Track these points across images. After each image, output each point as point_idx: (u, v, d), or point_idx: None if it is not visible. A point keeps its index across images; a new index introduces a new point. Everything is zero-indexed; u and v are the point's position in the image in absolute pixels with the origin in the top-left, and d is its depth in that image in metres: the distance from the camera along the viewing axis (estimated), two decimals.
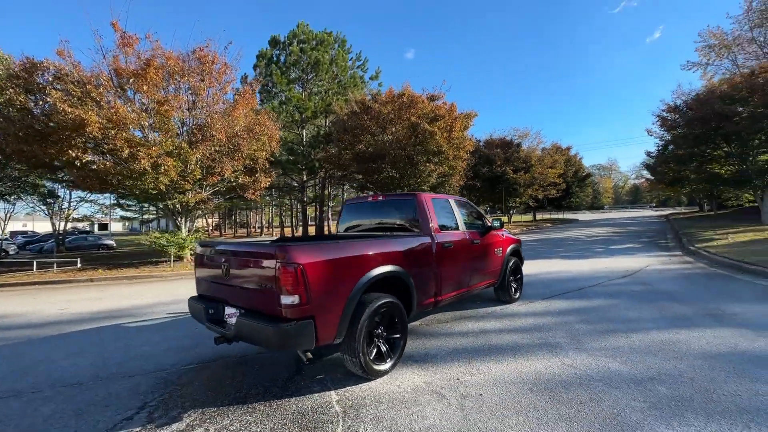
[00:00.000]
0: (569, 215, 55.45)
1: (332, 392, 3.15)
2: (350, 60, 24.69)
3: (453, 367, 3.59)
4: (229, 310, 3.37)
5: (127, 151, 9.40)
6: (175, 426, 2.71)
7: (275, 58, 22.18)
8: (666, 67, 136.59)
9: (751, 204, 38.33)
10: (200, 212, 13.78)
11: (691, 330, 4.39)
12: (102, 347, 4.58)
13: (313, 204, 27.53)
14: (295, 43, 21.80)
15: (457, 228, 4.83)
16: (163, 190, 10.89)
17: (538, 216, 44.93)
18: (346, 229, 5.30)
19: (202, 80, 11.58)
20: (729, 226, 18.90)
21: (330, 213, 36.63)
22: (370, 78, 25.72)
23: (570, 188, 37.10)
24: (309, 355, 3.08)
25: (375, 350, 3.36)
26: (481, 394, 3.02)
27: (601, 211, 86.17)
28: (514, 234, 6.72)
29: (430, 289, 4.11)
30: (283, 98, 21.01)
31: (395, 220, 4.74)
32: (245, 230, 51.96)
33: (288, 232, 43.42)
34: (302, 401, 3.02)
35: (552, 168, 28.50)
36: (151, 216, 30.23)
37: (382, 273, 3.39)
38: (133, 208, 28.84)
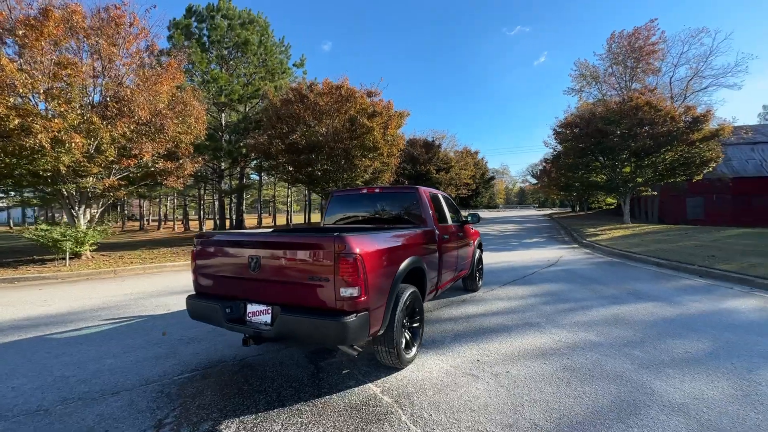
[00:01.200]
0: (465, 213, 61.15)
1: (370, 385, 3.12)
2: (274, 44, 23.30)
3: (466, 351, 3.83)
4: (253, 308, 3.04)
5: (16, 122, 7.38)
6: None
7: (196, 33, 19.68)
8: (549, 86, 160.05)
9: (608, 206, 47.81)
10: (105, 201, 11.61)
11: (625, 305, 5.41)
12: (42, 365, 3.67)
13: (230, 195, 25.32)
14: (219, 17, 19.65)
15: (446, 221, 5.10)
16: (63, 172, 8.89)
17: None
18: (336, 222, 5.16)
19: (115, 45, 9.74)
20: (601, 224, 23.23)
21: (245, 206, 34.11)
22: (295, 65, 24.64)
23: (478, 188, 41.20)
24: (359, 348, 2.99)
25: (403, 340, 3.41)
26: (508, 371, 3.33)
27: (497, 209, 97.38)
28: None
29: (434, 279, 4.28)
30: (204, 78, 18.77)
31: (394, 213, 4.79)
32: (137, 223, 45.11)
33: (195, 225, 39.08)
34: (346, 396, 2.93)
35: (465, 170, 31.36)
36: (11, 203, 24.10)
37: (412, 263, 3.44)
38: None
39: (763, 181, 26.63)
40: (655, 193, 22.21)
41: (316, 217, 40.09)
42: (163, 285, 7.70)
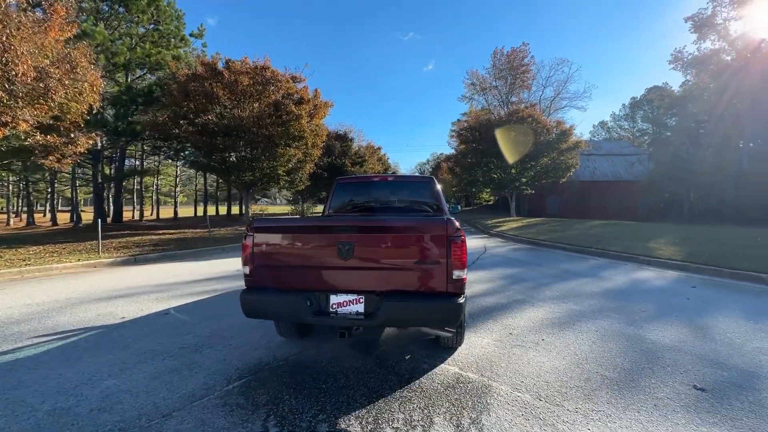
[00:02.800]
0: None
1: (445, 365, 3.22)
2: (169, 4, 19.96)
3: (492, 327, 4.21)
4: (339, 298, 2.81)
5: None
6: None
7: None
8: (435, 92, 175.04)
9: (487, 202, 55.36)
10: None
11: (570, 281, 6.57)
12: (7, 400, 2.68)
13: (109, 183, 20.82)
14: None
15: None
16: None
17: None
18: (340, 208, 4.95)
19: None
20: (493, 217, 26.89)
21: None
22: (192, 35, 21.58)
23: None
24: (452, 330, 3.01)
25: None
26: (543, 339, 3.82)
27: None
28: None
29: None
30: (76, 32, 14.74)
31: (413, 201, 4.85)
32: None
33: (40, 218, 30.89)
34: (434, 378, 2.98)
35: (373, 165, 32.45)
36: None
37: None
38: None
39: (594, 184, 34.57)
40: (533, 191, 26.76)
41: (223, 210, 35.99)
42: (76, 291, 6.13)
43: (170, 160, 23.03)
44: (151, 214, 38.21)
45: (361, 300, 2.78)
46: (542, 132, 22.63)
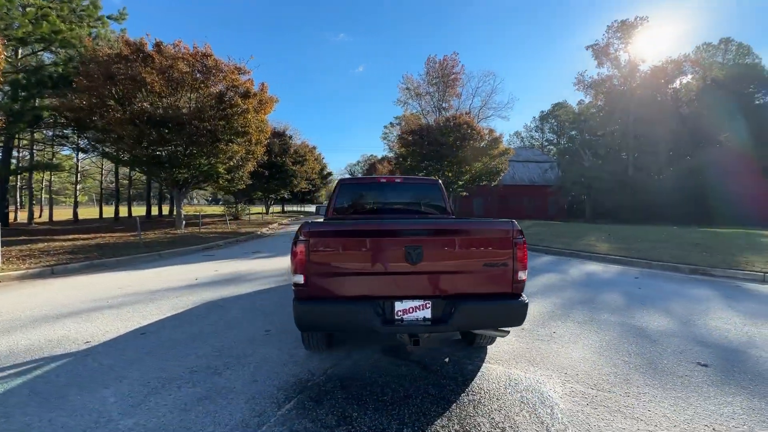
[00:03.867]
0: (305, 208, 61.56)
1: (487, 364, 3.29)
2: None
3: None
4: (404, 305, 2.68)
5: None
6: None
7: None
8: (365, 95, 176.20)
9: None
10: None
11: (540, 276, 7.19)
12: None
13: None
14: None
15: None
16: None
17: (276, 209, 46.93)
18: (344, 210, 4.73)
19: None
20: None
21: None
22: (111, 18, 18.74)
23: (317, 184, 41.89)
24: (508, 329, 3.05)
25: None
26: (554, 332, 4.12)
27: (320, 205, 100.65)
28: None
29: None
30: None
31: (422, 202, 4.84)
32: None
33: None
34: (488, 377, 3.03)
35: (310, 165, 31.58)
36: None
37: None
38: None
39: (514, 188, 38.27)
40: (467, 194, 28.57)
41: (139, 210, 31.21)
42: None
43: (79, 153, 19.55)
44: (40, 216, 32.16)
45: (428, 305, 2.71)
46: (477, 138, 24.31)
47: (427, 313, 2.71)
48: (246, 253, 10.74)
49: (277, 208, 46.77)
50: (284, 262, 9.02)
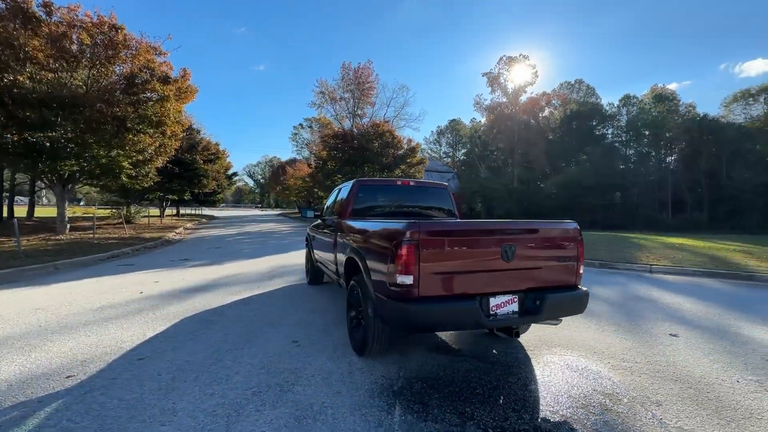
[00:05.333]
0: (204, 211, 55.18)
1: (530, 351, 3.65)
2: None
3: None
4: (497, 300, 2.84)
5: None
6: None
7: None
8: (271, 94, 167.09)
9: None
10: None
11: None
12: None
13: None
14: None
15: None
16: None
17: (170, 211, 41.10)
18: (363, 211, 4.62)
19: None
20: None
21: None
22: None
23: (222, 184, 38.06)
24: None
25: None
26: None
27: (218, 208, 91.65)
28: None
29: None
30: None
31: (433, 206, 4.98)
32: None
33: None
34: (551, 365, 3.38)
35: (222, 163, 28.55)
36: None
37: None
38: None
39: None
40: None
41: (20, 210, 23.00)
42: None
43: None
44: None
45: (515, 299, 2.92)
46: (397, 146, 25.50)
47: (515, 307, 2.92)
48: (174, 262, 9.34)
49: (171, 211, 40.90)
50: (232, 270, 8.17)
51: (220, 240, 15.25)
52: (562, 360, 3.45)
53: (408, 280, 2.63)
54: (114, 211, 19.90)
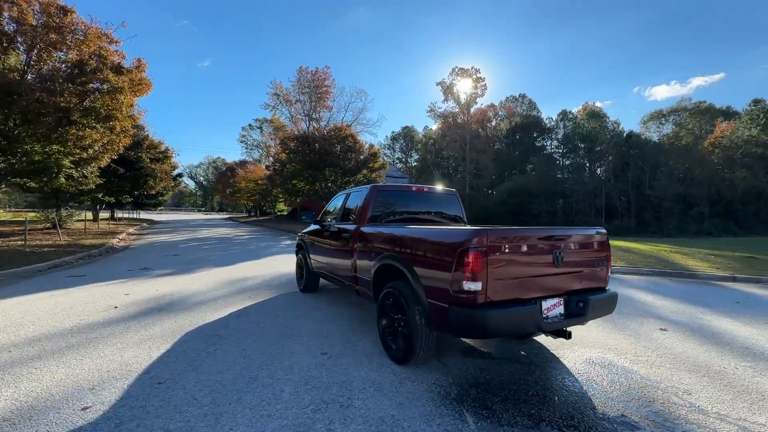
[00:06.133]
0: (138, 215, 50.42)
1: (557, 351, 3.85)
2: None
3: None
4: (548, 303, 2.96)
5: None
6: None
7: None
8: (216, 93, 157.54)
9: (280, 213, 55.18)
10: None
11: None
12: None
13: None
14: None
15: None
16: None
17: (103, 215, 36.98)
18: (380, 217, 4.55)
19: None
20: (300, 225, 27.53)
21: None
22: None
23: (167, 186, 35.02)
24: None
25: None
26: None
27: (157, 211, 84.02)
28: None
29: None
30: None
31: (444, 212, 5.04)
32: None
33: None
34: (573, 360, 3.58)
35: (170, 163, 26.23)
36: None
37: None
38: None
39: None
40: None
41: None
42: None
43: None
44: None
45: (561, 303, 3.07)
46: (359, 151, 25.45)
47: (562, 309, 3.07)
48: (133, 271, 8.44)
49: (104, 214, 36.68)
50: (207, 279, 7.61)
51: (173, 246, 14.06)
52: (584, 357, 3.68)
53: (476, 286, 2.65)
54: (40, 214, 17.43)
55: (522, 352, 3.80)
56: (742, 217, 26.98)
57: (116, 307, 5.30)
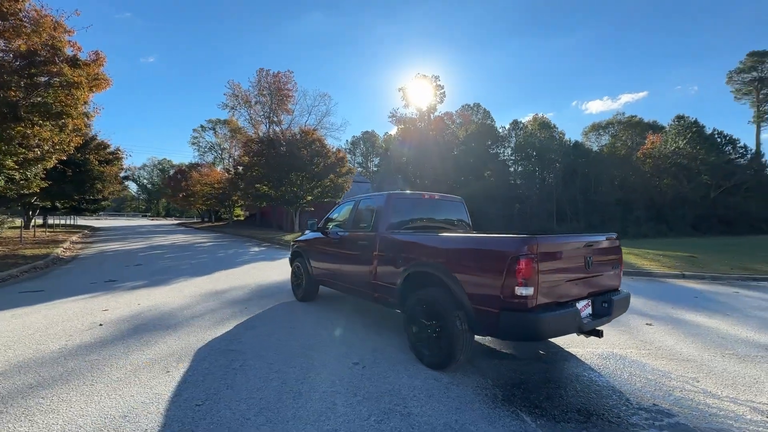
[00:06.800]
0: (75, 221, 45.57)
1: (574, 349, 4.13)
2: None
3: None
4: (581, 304, 3.19)
5: None
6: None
7: None
8: (162, 91, 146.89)
9: (237, 218, 52.68)
10: None
11: None
12: None
13: None
14: None
15: None
16: None
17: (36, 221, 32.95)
18: (400, 225, 4.59)
19: None
20: (279, 232, 26.71)
21: None
22: None
23: (113, 190, 32.02)
24: None
25: None
26: None
27: (95, 217, 76.13)
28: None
29: None
30: None
31: (452, 219, 5.19)
32: None
33: None
34: (588, 356, 3.87)
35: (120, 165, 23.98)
36: None
37: None
38: None
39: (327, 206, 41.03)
40: (312, 209, 28.86)
41: None
42: None
43: None
44: None
45: (589, 304, 3.32)
46: (326, 156, 25.14)
47: (590, 310, 3.32)
48: (98, 284, 7.68)
49: (36, 221, 32.55)
50: (189, 291, 7.17)
51: (130, 256, 12.98)
52: (595, 353, 3.99)
53: (528, 291, 2.80)
54: None
55: (540, 351, 4.03)
56: (671, 221, 30.32)
57: (101, 325, 4.83)
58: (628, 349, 4.12)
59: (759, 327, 5.09)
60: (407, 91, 48.66)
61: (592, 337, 3.38)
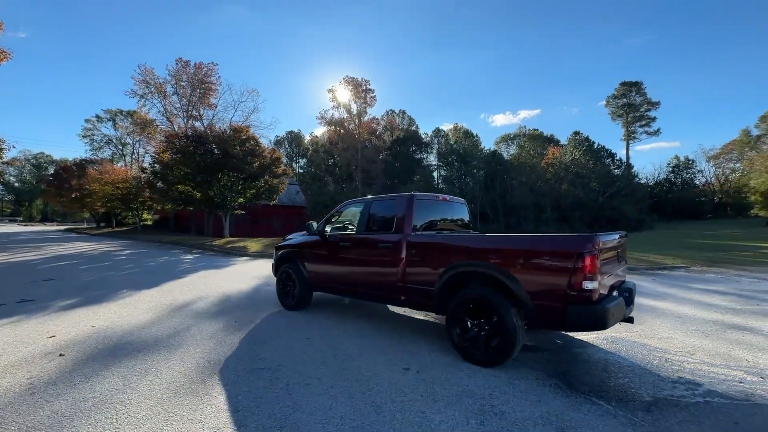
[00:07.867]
0: None
1: (587, 336, 4.56)
2: None
3: None
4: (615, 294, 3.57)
5: None
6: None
7: None
8: (39, 72, 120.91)
9: (144, 221, 46.26)
10: None
11: None
12: None
13: None
14: None
15: None
16: None
17: None
18: (423, 227, 4.58)
19: None
20: (190, 236, 24.21)
21: None
22: None
23: None
24: None
25: None
26: None
27: None
28: None
29: None
30: None
31: (459, 219, 5.31)
32: None
33: None
34: (602, 341, 4.32)
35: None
36: None
37: None
38: None
39: (269, 208, 38.91)
40: (243, 212, 26.79)
41: None
42: None
43: None
44: None
45: (617, 294, 3.72)
46: (261, 155, 23.62)
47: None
48: (9, 306, 6.17)
49: None
50: (138, 308, 6.19)
51: (29, 269, 10.63)
52: (601, 337, 4.47)
53: (593, 285, 3.05)
54: None
55: (558, 341, 4.37)
56: (572, 221, 35.19)
57: (62, 355, 3.89)
58: (625, 332, 4.69)
59: (700, 307, 6.15)
60: (337, 92, 48.41)
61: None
